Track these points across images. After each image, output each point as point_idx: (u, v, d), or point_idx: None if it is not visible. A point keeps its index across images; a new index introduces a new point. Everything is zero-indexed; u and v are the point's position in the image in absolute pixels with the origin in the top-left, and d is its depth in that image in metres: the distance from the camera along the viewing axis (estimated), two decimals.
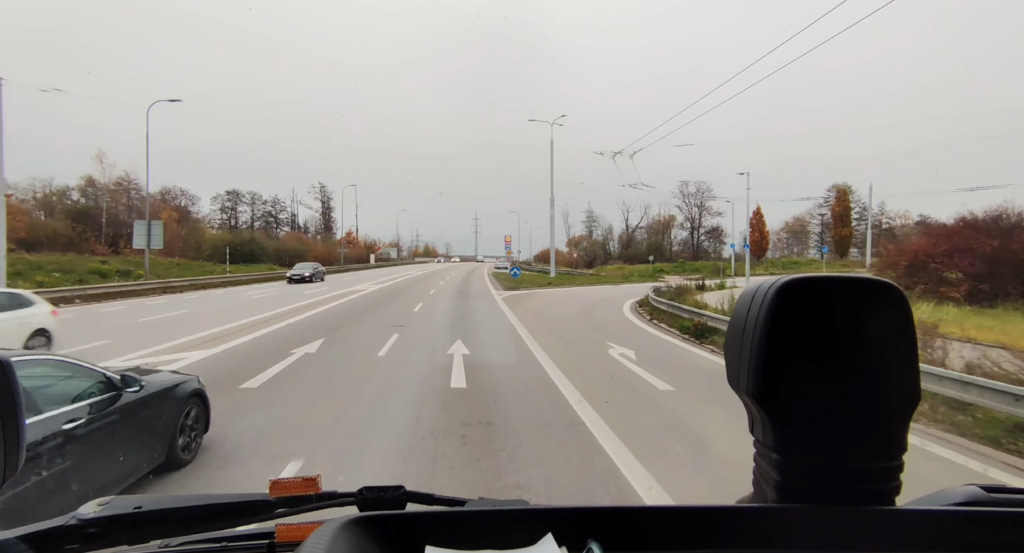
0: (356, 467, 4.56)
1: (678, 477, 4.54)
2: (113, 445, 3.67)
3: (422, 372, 8.35)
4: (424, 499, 0.82)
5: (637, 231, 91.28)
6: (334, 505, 0.80)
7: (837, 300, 0.61)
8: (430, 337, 12.09)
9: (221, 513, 0.77)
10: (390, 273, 47.66)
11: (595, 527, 0.59)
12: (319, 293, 23.70)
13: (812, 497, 0.60)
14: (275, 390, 7.06)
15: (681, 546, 0.59)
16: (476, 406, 6.48)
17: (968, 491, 0.69)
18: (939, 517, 0.62)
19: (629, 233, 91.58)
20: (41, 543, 0.69)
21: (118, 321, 14.16)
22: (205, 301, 20.47)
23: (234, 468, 4.53)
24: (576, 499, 4.08)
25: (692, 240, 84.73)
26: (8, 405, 0.58)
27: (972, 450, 5.45)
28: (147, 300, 20.65)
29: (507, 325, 14.69)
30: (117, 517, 0.73)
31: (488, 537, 0.59)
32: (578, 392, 7.24)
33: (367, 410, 6.28)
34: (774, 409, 0.61)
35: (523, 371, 8.65)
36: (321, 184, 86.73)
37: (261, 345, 10.50)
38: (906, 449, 0.61)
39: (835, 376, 0.60)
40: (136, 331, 12.23)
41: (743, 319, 0.64)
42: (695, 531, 0.60)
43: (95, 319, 14.57)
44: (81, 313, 15.98)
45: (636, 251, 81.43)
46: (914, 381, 0.61)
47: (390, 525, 0.59)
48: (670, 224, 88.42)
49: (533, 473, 4.51)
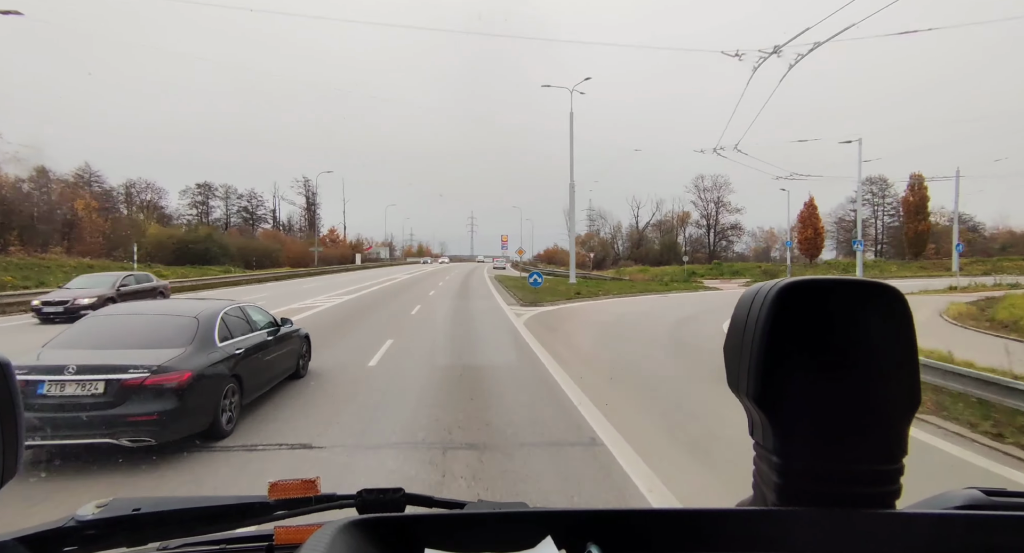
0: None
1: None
2: (280, 351, 6.77)
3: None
4: (423, 501, 0.78)
5: (648, 229, 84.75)
6: (333, 507, 0.78)
7: (837, 303, 0.60)
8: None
9: (220, 515, 0.75)
10: (372, 277, 37.52)
11: (594, 530, 0.59)
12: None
13: (812, 500, 0.60)
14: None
15: (680, 549, 0.59)
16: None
17: (969, 494, 0.68)
18: (940, 520, 0.61)
19: (640, 231, 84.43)
20: (39, 545, 0.68)
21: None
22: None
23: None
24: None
25: (708, 239, 78.08)
26: (8, 405, 0.56)
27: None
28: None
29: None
30: (116, 519, 0.71)
31: (487, 540, 0.59)
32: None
33: None
34: (774, 412, 0.60)
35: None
36: (305, 178, 77.76)
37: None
38: (906, 452, 0.60)
39: (835, 379, 0.59)
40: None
41: (743, 321, 0.64)
42: (694, 534, 0.60)
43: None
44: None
45: (648, 250, 76.48)
46: (914, 384, 0.60)
47: (389, 527, 0.59)
48: (684, 221, 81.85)
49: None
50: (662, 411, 6.54)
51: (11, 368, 0.58)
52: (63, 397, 4.34)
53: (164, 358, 4.70)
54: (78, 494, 3.95)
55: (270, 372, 6.52)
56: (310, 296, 21.34)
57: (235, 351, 5.60)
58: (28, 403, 4.27)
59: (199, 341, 5.16)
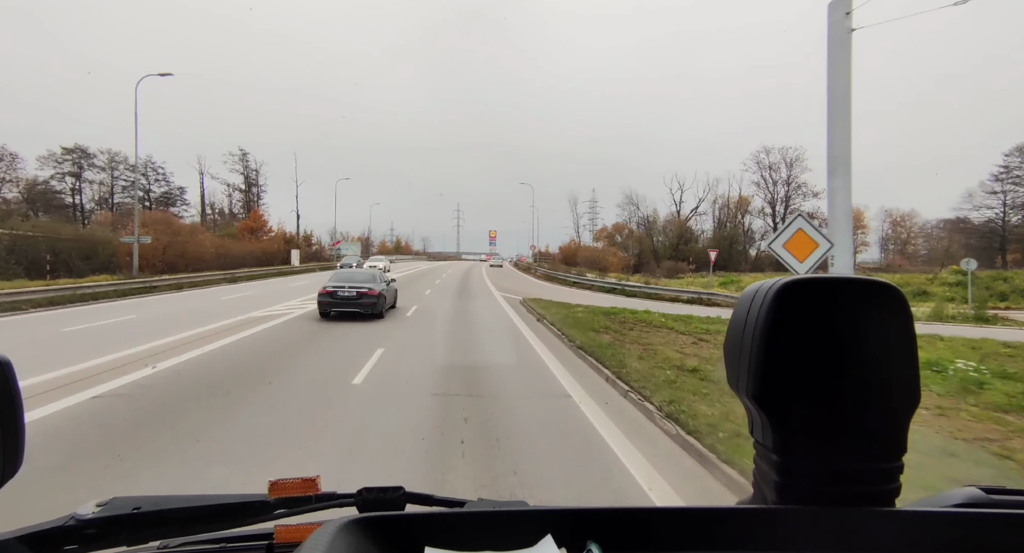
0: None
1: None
2: (392, 291, 16.17)
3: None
4: (423, 500, 0.82)
5: (695, 218, 64.77)
6: (333, 506, 0.81)
7: (837, 302, 0.62)
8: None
9: (220, 514, 0.77)
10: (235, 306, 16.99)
11: (594, 528, 0.59)
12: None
13: (812, 498, 0.61)
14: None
15: (681, 547, 0.59)
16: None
17: (968, 492, 0.68)
18: (939, 518, 0.61)
19: (682, 221, 64.96)
20: (40, 544, 0.69)
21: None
22: None
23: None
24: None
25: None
26: (8, 405, 0.58)
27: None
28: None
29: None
30: (116, 518, 0.73)
31: (488, 538, 0.59)
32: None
33: None
34: (774, 410, 0.61)
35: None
36: (243, 151, 61.12)
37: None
38: (906, 451, 0.61)
39: (835, 378, 0.61)
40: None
41: (743, 320, 0.65)
42: (695, 532, 0.60)
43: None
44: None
45: (694, 250, 58.85)
46: (914, 382, 0.61)
47: (389, 526, 0.60)
48: (743, 209, 62.58)
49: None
50: None
51: (12, 367, 0.59)
52: (344, 296, 13.72)
53: (371, 285, 14.08)
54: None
55: (391, 299, 15.92)
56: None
57: (386, 287, 15.01)
58: (336, 298, 13.55)
59: (379, 280, 14.60)
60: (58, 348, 9.40)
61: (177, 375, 7.35)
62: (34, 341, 10.20)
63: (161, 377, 7.21)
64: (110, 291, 19.54)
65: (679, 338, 11.39)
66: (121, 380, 6.96)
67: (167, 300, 18.80)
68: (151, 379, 7.09)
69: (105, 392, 6.39)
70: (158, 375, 7.32)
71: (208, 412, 5.67)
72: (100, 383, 6.77)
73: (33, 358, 8.17)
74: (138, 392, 6.42)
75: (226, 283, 27.20)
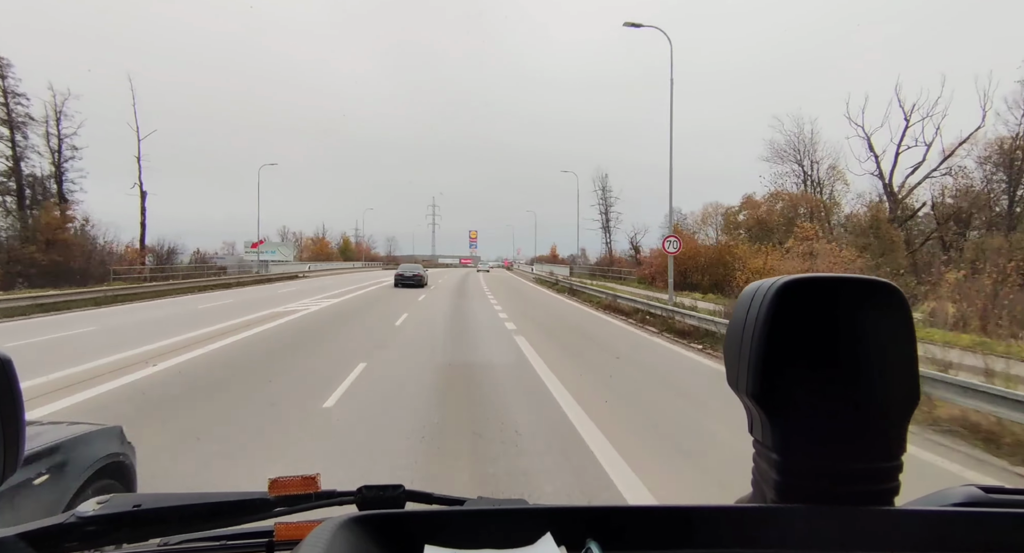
0: None
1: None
2: (426, 275, 32.68)
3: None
4: (423, 498, 0.84)
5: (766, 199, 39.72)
6: (333, 504, 0.82)
7: (837, 300, 0.61)
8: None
9: (220, 512, 0.78)
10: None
11: (594, 526, 0.59)
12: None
13: (811, 497, 0.60)
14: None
15: (680, 546, 0.58)
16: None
17: (967, 492, 0.69)
18: (938, 518, 0.61)
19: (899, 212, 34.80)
20: (40, 541, 0.70)
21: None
22: None
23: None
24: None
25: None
26: (8, 404, 0.59)
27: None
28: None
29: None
30: (116, 515, 0.73)
31: (487, 536, 0.59)
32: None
33: None
34: (773, 409, 0.61)
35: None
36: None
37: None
38: (905, 450, 0.61)
39: (834, 376, 0.60)
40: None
41: (743, 319, 0.64)
42: (694, 531, 0.60)
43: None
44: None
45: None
46: (913, 382, 0.61)
47: (389, 524, 0.59)
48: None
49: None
50: None
51: (12, 365, 0.59)
52: (407, 276, 30.01)
53: (419, 272, 30.90)
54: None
55: (425, 280, 32.14)
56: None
57: (425, 272, 31.75)
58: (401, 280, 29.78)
59: (422, 271, 31.43)
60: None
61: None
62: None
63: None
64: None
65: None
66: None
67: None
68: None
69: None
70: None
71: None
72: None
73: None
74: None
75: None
